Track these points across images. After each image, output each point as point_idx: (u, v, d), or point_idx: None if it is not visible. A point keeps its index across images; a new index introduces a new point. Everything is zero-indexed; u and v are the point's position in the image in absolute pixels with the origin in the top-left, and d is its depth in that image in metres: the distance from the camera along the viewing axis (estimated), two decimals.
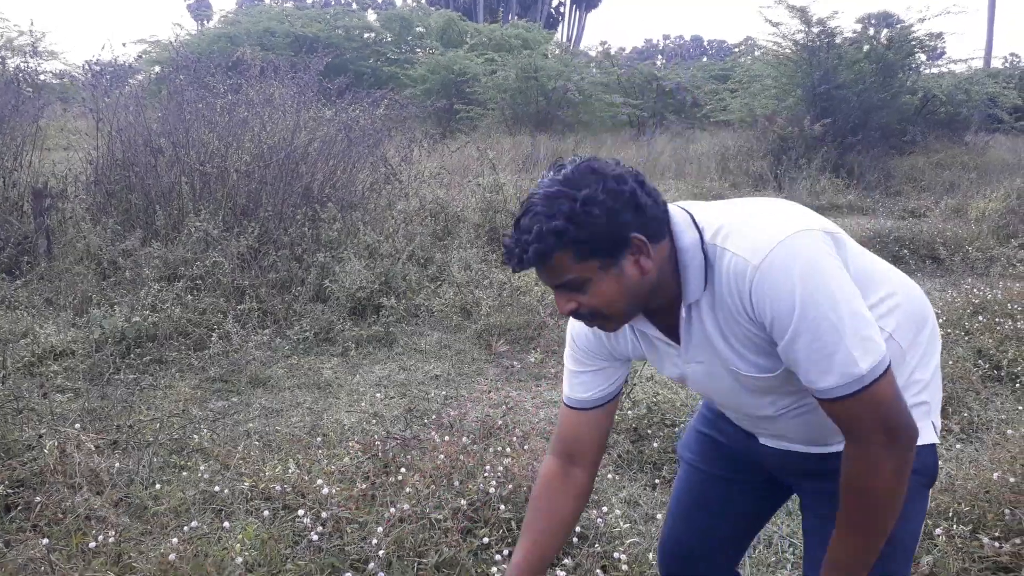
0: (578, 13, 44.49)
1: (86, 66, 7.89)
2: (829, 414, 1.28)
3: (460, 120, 18.27)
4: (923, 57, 15.70)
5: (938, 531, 2.81)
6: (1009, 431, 3.71)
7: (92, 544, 2.20)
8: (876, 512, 1.28)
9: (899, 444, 1.25)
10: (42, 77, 7.39)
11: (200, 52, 16.29)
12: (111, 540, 2.24)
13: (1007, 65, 24.48)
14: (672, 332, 1.42)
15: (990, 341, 4.99)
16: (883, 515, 1.29)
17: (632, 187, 1.26)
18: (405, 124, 9.69)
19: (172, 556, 2.04)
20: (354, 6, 42.93)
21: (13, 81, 7.07)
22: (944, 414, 4.12)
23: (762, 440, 1.58)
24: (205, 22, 30.45)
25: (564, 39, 41.50)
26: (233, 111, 7.07)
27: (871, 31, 15.03)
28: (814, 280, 1.21)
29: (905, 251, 8.18)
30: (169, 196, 6.52)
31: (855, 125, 13.57)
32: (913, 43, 14.05)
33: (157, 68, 19.30)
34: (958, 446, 3.75)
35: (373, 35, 26.39)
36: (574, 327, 1.59)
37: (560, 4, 43.94)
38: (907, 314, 1.41)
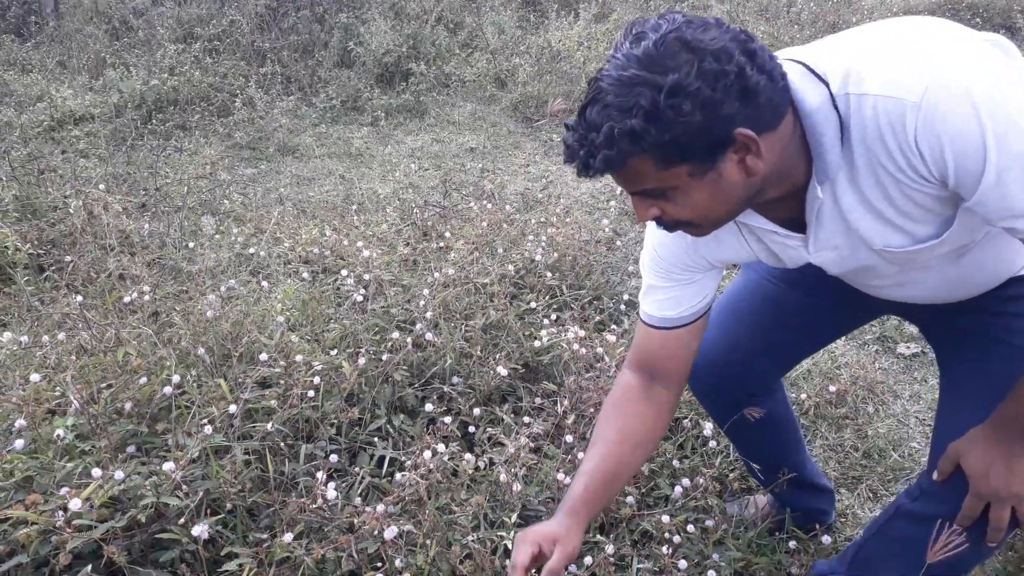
0: None
1: None
2: None
3: None
4: None
5: None
6: None
7: (127, 299, 2.11)
8: None
9: None
10: None
11: None
12: (146, 297, 2.16)
13: None
14: (792, 222, 1.12)
15: None
16: None
17: (738, 64, 0.91)
18: None
19: (209, 313, 1.95)
20: None
21: None
22: None
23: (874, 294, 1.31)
24: None
25: None
26: None
27: None
28: (996, 99, 0.89)
29: (978, 20, 7.46)
30: None
31: None
32: None
33: None
34: None
35: None
36: (655, 234, 1.27)
37: None
38: None
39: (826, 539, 1.61)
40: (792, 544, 1.73)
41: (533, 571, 1.20)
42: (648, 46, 0.92)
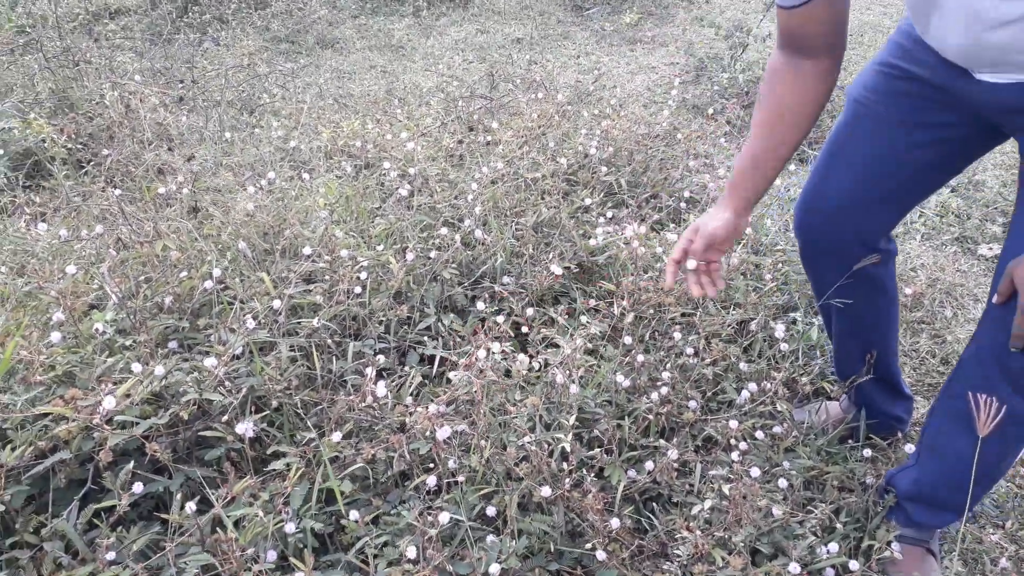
0: None
1: None
2: None
3: None
4: None
5: None
6: None
7: (162, 190, 2.02)
8: None
9: None
10: None
11: None
12: (185, 191, 2.07)
13: None
14: None
15: None
16: None
17: None
18: None
19: (250, 205, 1.85)
20: None
21: None
22: None
23: (979, 75, 1.19)
24: None
25: None
26: None
27: None
28: None
29: None
30: None
31: None
32: None
33: None
34: None
35: None
36: None
37: None
38: None
39: (908, 448, 1.50)
40: (867, 453, 1.62)
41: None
42: None
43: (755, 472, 1.39)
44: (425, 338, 1.76)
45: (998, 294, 1.20)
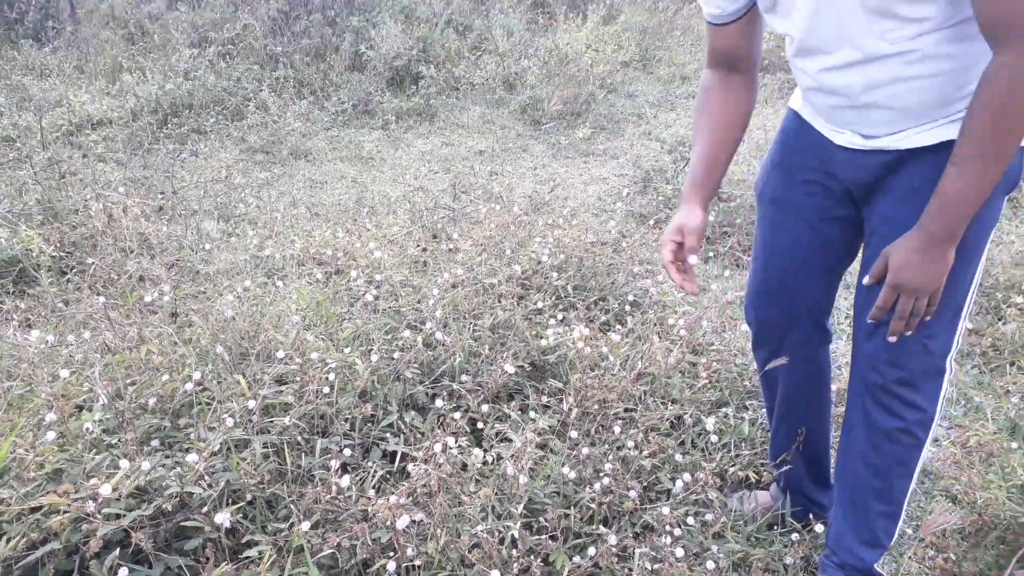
0: None
1: None
2: (989, 20, 1.16)
3: None
4: None
5: (1009, 308, 2.74)
6: None
7: (148, 299, 2.19)
8: (1010, 131, 1.19)
9: None
10: None
11: None
12: (166, 298, 2.24)
13: None
14: None
15: None
16: (1016, 135, 1.20)
17: None
18: None
19: (228, 312, 2.03)
20: None
21: None
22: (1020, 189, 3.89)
23: (839, 140, 1.46)
24: None
25: None
26: None
27: None
28: None
29: None
30: None
31: None
32: None
33: None
34: None
35: None
36: None
37: None
38: None
39: (819, 527, 1.67)
40: (794, 536, 1.79)
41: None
42: None
43: (680, 552, 1.55)
44: (388, 435, 1.92)
45: (870, 275, 1.41)
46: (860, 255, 1.57)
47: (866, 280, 1.43)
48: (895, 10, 1.23)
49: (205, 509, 1.46)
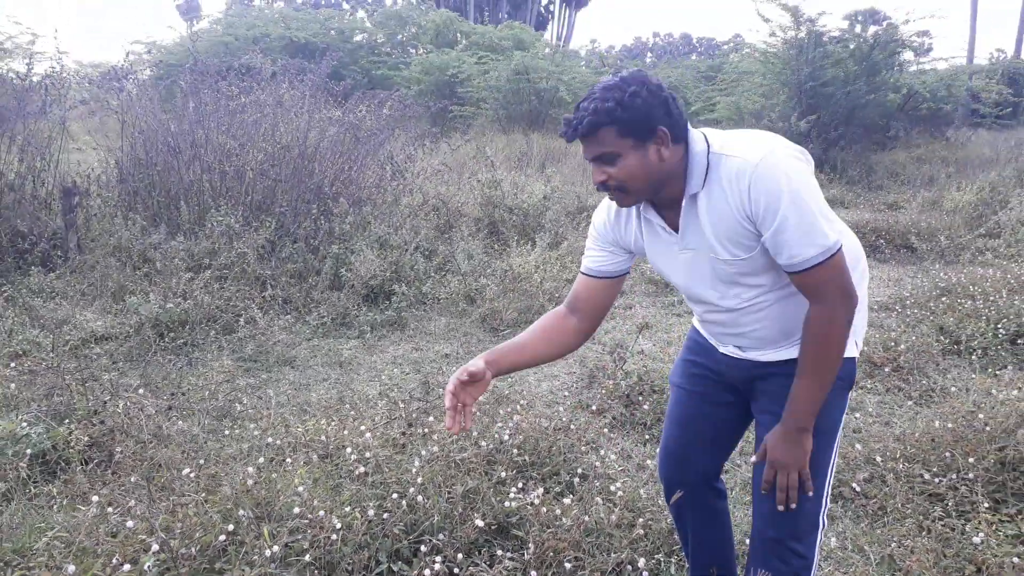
0: (568, 12, 44.79)
1: (110, 71, 8.26)
2: (801, 285, 1.73)
3: (454, 120, 18.40)
4: (911, 55, 16.01)
5: (889, 474, 3.29)
6: (953, 388, 4.19)
7: (186, 471, 2.64)
8: (830, 355, 1.74)
9: (850, 302, 1.74)
10: (64, 77, 7.76)
11: (200, 55, 16.67)
12: (192, 475, 2.69)
13: (992, 61, 24.79)
14: (673, 224, 1.83)
15: (952, 319, 5.41)
16: (835, 357, 1.75)
17: (668, 96, 1.69)
18: (408, 124, 10.12)
19: (250, 481, 2.49)
20: (345, 5, 43.02)
21: (41, 85, 7.47)
22: (905, 380, 4.59)
23: (722, 350, 2.04)
24: (194, 22, 30.38)
25: (554, 38, 41.84)
26: (245, 112, 7.50)
27: (857, 27, 15.33)
28: (797, 177, 1.65)
29: (881, 241, 8.64)
30: (190, 193, 6.95)
31: (839, 121, 14.02)
32: (898, 42, 14.42)
33: (148, 71, 18.95)
34: (915, 407, 4.22)
35: (364, 36, 26.33)
36: (596, 217, 2.02)
37: (550, 3, 44.25)
38: (847, 245, 1.83)
39: None
40: None
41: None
42: (623, 75, 1.70)
43: None
44: None
45: (757, 456, 1.90)
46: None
47: (754, 459, 1.96)
48: (740, 281, 1.86)
49: None
